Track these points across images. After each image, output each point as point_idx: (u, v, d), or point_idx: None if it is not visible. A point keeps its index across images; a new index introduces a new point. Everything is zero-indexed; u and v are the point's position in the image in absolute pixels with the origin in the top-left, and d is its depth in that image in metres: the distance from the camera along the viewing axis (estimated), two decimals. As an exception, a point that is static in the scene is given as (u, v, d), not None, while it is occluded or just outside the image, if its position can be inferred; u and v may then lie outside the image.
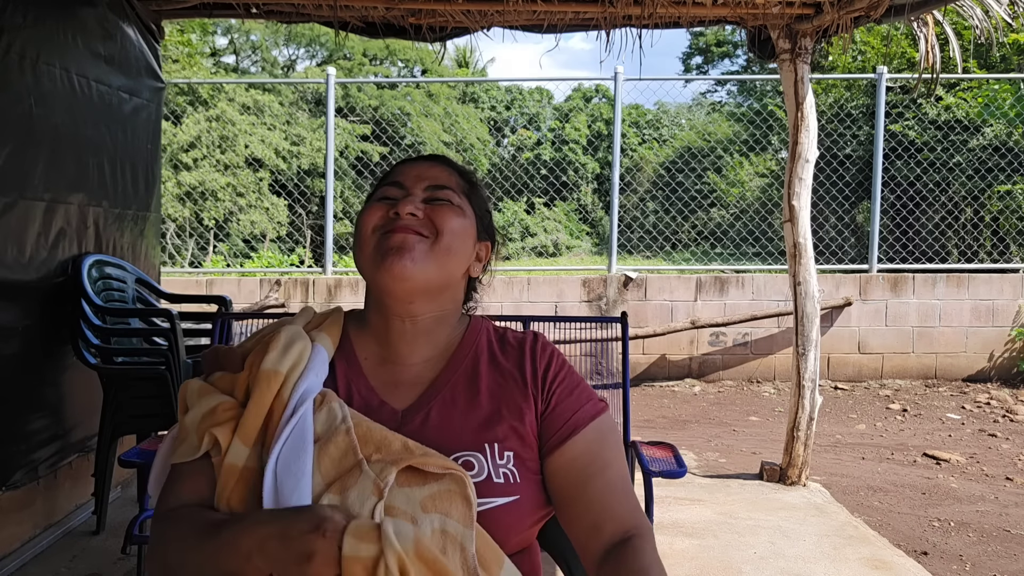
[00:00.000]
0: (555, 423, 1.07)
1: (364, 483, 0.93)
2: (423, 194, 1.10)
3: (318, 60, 16.51)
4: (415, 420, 1.04)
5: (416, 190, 1.10)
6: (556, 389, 1.09)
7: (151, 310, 3.43)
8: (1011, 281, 6.33)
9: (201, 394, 1.04)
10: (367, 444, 0.98)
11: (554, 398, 1.08)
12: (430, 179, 1.12)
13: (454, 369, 1.09)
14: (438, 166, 1.15)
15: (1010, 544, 3.21)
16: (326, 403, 1.01)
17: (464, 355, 1.11)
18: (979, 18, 3.52)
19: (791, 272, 3.75)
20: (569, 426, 1.06)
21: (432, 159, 1.17)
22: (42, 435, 2.90)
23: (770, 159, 10.72)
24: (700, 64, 20.51)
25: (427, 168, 1.14)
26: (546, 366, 1.11)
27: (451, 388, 1.07)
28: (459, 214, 1.10)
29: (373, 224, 1.08)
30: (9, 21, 2.65)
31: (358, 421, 1.00)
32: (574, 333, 2.81)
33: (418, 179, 1.12)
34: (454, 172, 1.16)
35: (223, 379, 1.06)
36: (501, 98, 15.59)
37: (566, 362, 1.14)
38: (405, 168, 1.15)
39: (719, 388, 6.16)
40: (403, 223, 1.06)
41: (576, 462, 1.04)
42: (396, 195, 1.10)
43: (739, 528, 3.21)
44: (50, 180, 2.92)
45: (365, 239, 1.08)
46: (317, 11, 3.52)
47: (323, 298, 6.18)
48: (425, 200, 1.09)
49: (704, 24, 3.70)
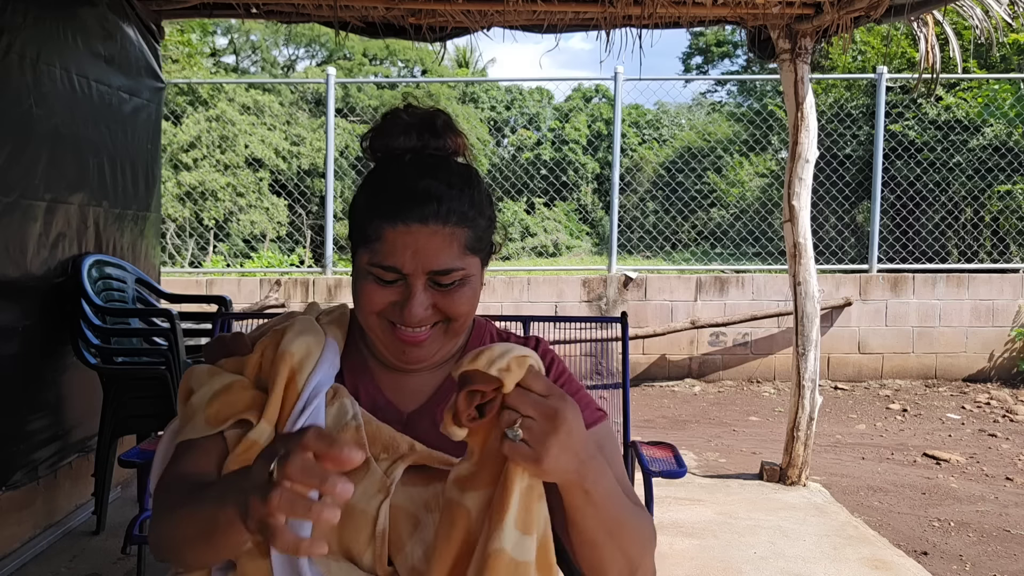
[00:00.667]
0: None
1: (371, 480, 0.94)
2: (424, 278, 0.98)
3: (318, 60, 16.52)
4: (422, 424, 1.04)
5: (417, 279, 0.97)
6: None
7: (151, 310, 3.43)
8: (1011, 281, 6.33)
9: (211, 374, 1.02)
10: (375, 443, 0.98)
11: None
12: (430, 261, 0.97)
13: None
14: (439, 232, 0.97)
15: (1010, 544, 3.21)
16: (338, 398, 1.01)
17: None
18: (979, 18, 3.52)
19: (791, 272, 3.75)
20: None
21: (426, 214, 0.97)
22: (42, 435, 2.90)
23: (770, 159, 10.72)
24: (700, 64, 20.51)
25: (426, 241, 0.96)
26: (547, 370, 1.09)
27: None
28: (468, 287, 1.01)
29: (377, 310, 1.00)
30: (9, 21, 2.65)
31: (367, 420, 1.00)
32: (574, 333, 2.81)
33: (416, 260, 0.96)
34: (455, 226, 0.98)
35: (231, 362, 1.04)
36: (501, 98, 15.58)
37: (566, 369, 1.13)
38: (399, 237, 0.96)
39: (719, 388, 6.16)
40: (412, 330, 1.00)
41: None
42: (395, 279, 0.98)
43: (739, 528, 3.21)
44: (50, 180, 2.92)
45: (368, 318, 1.02)
46: (317, 11, 3.52)
47: (323, 298, 6.18)
48: (429, 284, 0.99)
49: (704, 24, 3.70)
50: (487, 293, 6.15)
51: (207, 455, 0.97)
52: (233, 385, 1.00)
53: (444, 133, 1.05)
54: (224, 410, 0.98)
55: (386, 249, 0.97)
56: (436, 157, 1.04)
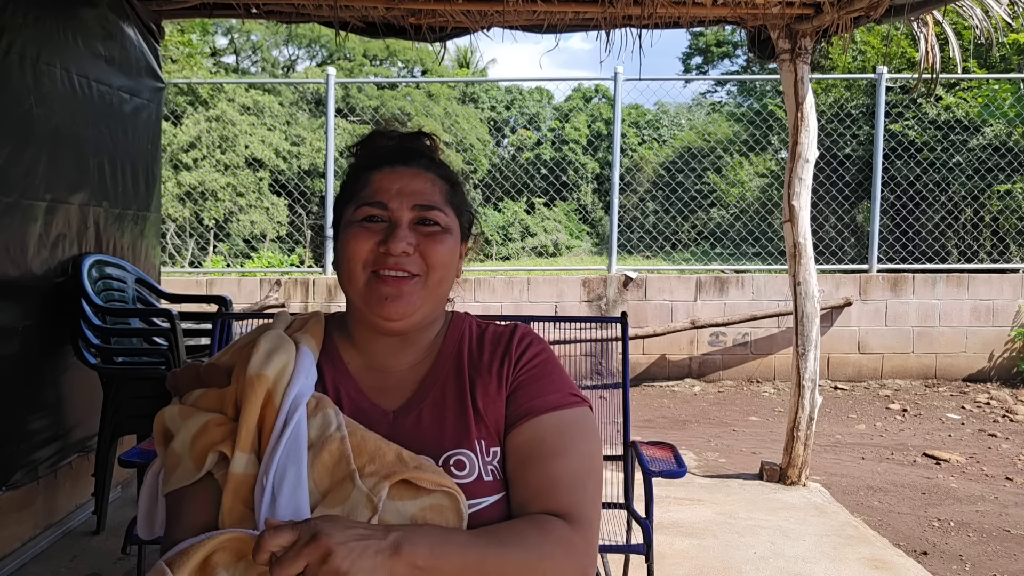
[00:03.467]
0: (513, 403, 1.05)
1: (357, 498, 0.93)
2: (410, 215, 1.04)
3: (318, 60, 16.53)
4: (407, 421, 1.04)
5: (403, 213, 1.04)
6: (521, 375, 1.07)
7: (151, 310, 3.43)
8: (1011, 281, 6.33)
9: (183, 416, 1.00)
10: (361, 454, 0.97)
11: (517, 380, 1.07)
12: (416, 196, 1.05)
13: (441, 367, 1.09)
14: (422, 175, 1.07)
15: (1010, 544, 3.21)
16: (320, 408, 1.00)
17: (449, 353, 1.11)
18: (979, 18, 3.52)
19: (791, 272, 3.75)
20: (524, 408, 1.04)
21: (411, 159, 1.08)
22: (42, 435, 2.90)
23: (770, 159, 10.72)
24: (700, 64, 20.51)
25: (411, 180, 1.06)
26: (520, 353, 1.09)
27: (440, 387, 1.07)
28: (448, 238, 1.06)
29: (362, 259, 1.03)
30: (9, 21, 2.66)
31: (352, 430, 0.99)
32: (574, 333, 2.80)
33: (402, 196, 1.04)
34: (436, 176, 1.09)
35: (208, 396, 1.02)
36: (501, 98, 15.59)
37: (545, 352, 1.11)
38: (385, 179, 1.06)
39: (719, 388, 6.16)
40: (394, 261, 1.02)
41: (526, 444, 1.02)
42: (381, 216, 1.04)
43: (739, 528, 3.21)
44: (50, 180, 2.92)
45: (353, 272, 1.04)
46: (317, 11, 3.52)
47: (323, 298, 6.18)
48: (413, 222, 1.04)
49: (704, 24, 3.70)
50: (487, 293, 6.16)
51: (203, 501, 0.97)
52: (208, 424, 0.98)
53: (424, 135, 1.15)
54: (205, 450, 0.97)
55: (373, 189, 1.06)
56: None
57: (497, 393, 1.06)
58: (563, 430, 1.03)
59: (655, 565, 2.38)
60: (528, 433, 1.03)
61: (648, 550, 2.30)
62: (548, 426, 1.03)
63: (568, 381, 1.09)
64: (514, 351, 1.09)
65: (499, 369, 1.08)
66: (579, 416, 1.06)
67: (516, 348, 1.10)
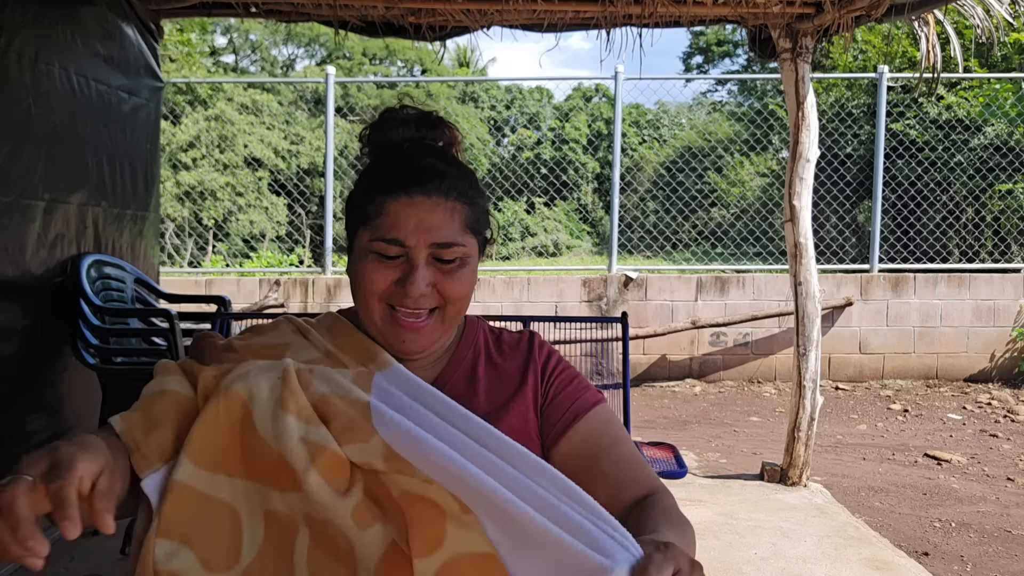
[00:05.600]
0: (556, 412, 1.07)
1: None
2: (427, 252, 0.99)
3: (317, 59, 16.52)
4: None
5: (420, 251, 0.99)
6: (555, 381, 1.10)
7: (150, 310, 3.42)
8: (1012, 281, 6.32)
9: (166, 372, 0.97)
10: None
11: (552, 389, 1.09)
12: (434, 232, 0.99)
13: (453, 370, 1.10)
14: (441, 205, 1.00)
15: (1011, 545, 3.20)
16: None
17: (462, 357, 1.11)
18: (980, 17, 3.51)
19: (792, 272, 3.74)
20: (571, 412, 1.07)
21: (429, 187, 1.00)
22: (41, 435, 2.89)
23: (771, 159, 10.71)
24: (700, 63, 20.50)
25: (429, 212, 0.99)
26: (544, 360, 1.12)
27: (450, 389, 1.07)
28: (466, 271, 1.03)
29: (378, 293, 1.01)
30: (8, 20, 2.65)
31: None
32: (574, 333, 2.80)
33: (419, 233, 0.98)
34: (456, 202, 1.01)
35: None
36: (501, 98, 15.57)
37: (563, 358, 1.15)
38: (402, 211, 0.98)
39: (720, 388, 6.15)
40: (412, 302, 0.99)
41: (584, 443, 1.05)
42: (397, 254, 0.99)
43: (740, 529, 3.20)
44: (49, 180, 2.91)
45: (369, 303, 1.02)
46: (317, 10, 3.51)
47: (322, 298, 6.17)
48: (431, 258, 1.00)
49: (704, 23, 3.69)
50: (487, 293, 6.14)
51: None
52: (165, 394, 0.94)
53: (440, 125, 1.10)
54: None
55: (389, 222, 0.99)
56: (434, 145, 1.09)
57: (521, 396, 1.08)
58: (609, 420, 1.09)
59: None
60: (583, 432, 1.06)
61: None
62: (596, 422, 1.07)
63: (585, 380, 1.14)
64: (537, 357, 1.11)
65: (522, 374, 1.10)
66: (609, 409, 1.12)
67: (539, 354, 1.12)
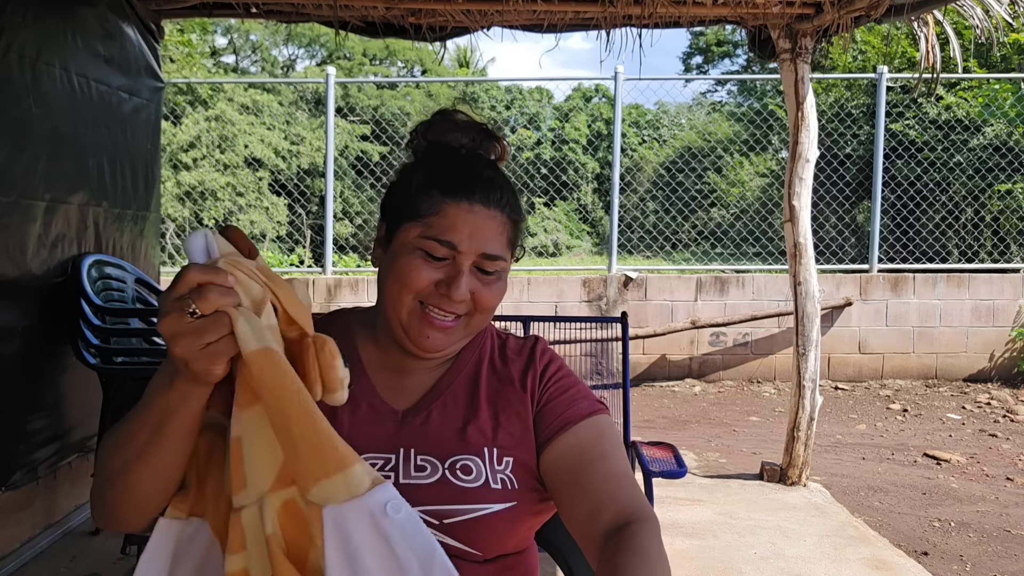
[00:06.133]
0: (546, 419, 1.06)
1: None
2: (474, 260, 1.01)
3: (318, 60, 16.52)
4: (415, 421, 1.05)
5: (467, 259, 1.01)
6: (549, 387, 1.09)
7: (151, 310, 3.42)
8: (1012, 281, 6.32)
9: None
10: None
11: (546, 396, 1.08)
12: (484, 243, 1.01)
13: (457, 373, 1.10)
14: (496, 218, 1.02)
15: (1010, 544, 3.21)
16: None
17: (467, 360, 1.11)
18: (979, 18, 3.51)
19: (791, 272, 3.74)
20: (560, 421, 1.05)
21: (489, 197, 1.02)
22: (42, 435, 2.89)
23: (770, 159, 10.71)
24: (700, 64, 20.50)
25: (484, 223, 1.01)
26: (544, 367, 1.11)
27: (453, 392, 1.08)
28: (502, 284, 1.05)
29: (416, 290, 1.01)
30: (9, 20, 2.65)
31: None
32: (574, 333, 2.80)
33: (472, 240, 1.00)
34: (507, 219, 1.04)
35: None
36: (501, 98, 15.58)
37: (565, 366, 1.14)
38: (460, 214, 1.00)
39: (719, 388, 6.16)
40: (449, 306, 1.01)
41: (570, 452, 1.02)
42: (445, 256, 1.00)
43: (739, 528, 3.20)
44: (50, 180, 2.91)
45: (402, 297, 1.01)
46: (317, 11, 3.51)
47: (323, 298, 6.18)
48: (474, 267, 1.02)
49: (704, 24, 3.70)
50: (487, 293, 6.14)
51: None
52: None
53: (494, 138, 1.10)
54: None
55: (446, 223, 1.00)
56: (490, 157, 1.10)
57: (521, 402, 1.07)
58: (602, 433, 1.05)
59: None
60: (571, 441, 1.03)
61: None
62: (587, 433, 1.04)
63: (587, 388, 1.12)
64: (538, 363, 1.11)
65: (522, 379, 1.09)
66: (608, 421, 1.08)
67: (540, 360, 1.11)
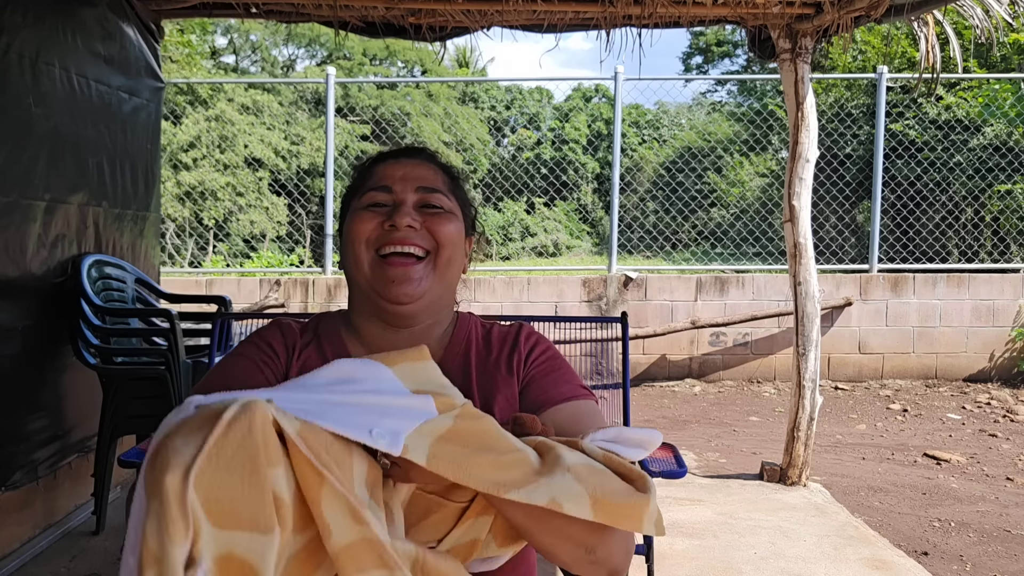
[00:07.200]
0: (528, 397, 1.06)
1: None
2: (414, 197, 1.07)
3: (318, 60, 16.51)
4: None
5: (407, 195, 1.07)
6: (533, 369, 1.09)
7: (151, 310, 3.42)
8: (1011, 281, 6.32)
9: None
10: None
11: (528, 376, 1.09)
12: (418, 180, 1.09)
13: (447, 366, 1.09)
14: (423, 164, 1.12)
15: (1011, 544, 3.21)
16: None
17: (456, 352, 1.11)
18: (979, 18, 3.51)
19: (791, 272, 3.74)
20: (539, 400, 1.05)
21: (414, 154, 1.14)
22: (42, 435, 2.90)
23: (770, 159, 10.71)
24: (700, 64, 20.50)
25: (413, 167, 1.10)
26: (529, 350, 1.11)
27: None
28: (453, 220, 1.09)
29: (366, 236, 1.05)
30: (8, 20, 2.65)
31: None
32: (574, 333, 2.80)
33: (405, 181, 1.08)
34: (438, 169, 1.14)
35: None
36: (501, 98, 15.58)
37: (552, 349, 1.14)
38: (389, 168, 1.10)
39: (719, 388, 6.16)
40: (401, 236, 1.03)
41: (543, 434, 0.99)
42: (385, 201, 1.07)
43: (739, 528, 3.20)
44: (50, 180, 2.91)
45: (358, 253, 1.05)
46: (317, 11, 3.51)
47: (323, 298, 6.18)
48: (417, 205, 1.07)
49: (704, 24, 3.70)
50: (487, 293, 6.15)
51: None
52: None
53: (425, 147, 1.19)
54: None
55: (377, 177, 1.10)
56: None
57: (508, 386, 1.07)
58: (578, 418, 1.05)
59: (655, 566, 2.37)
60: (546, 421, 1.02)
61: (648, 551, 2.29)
62: (563, 415, 1.04)
63: (576, 375, 1.12)
64: (523, 347, 1.11)
65: (508, 364, 1.09)
66: (591, 406, 1.08)
67: (524, 344, 1.12)
